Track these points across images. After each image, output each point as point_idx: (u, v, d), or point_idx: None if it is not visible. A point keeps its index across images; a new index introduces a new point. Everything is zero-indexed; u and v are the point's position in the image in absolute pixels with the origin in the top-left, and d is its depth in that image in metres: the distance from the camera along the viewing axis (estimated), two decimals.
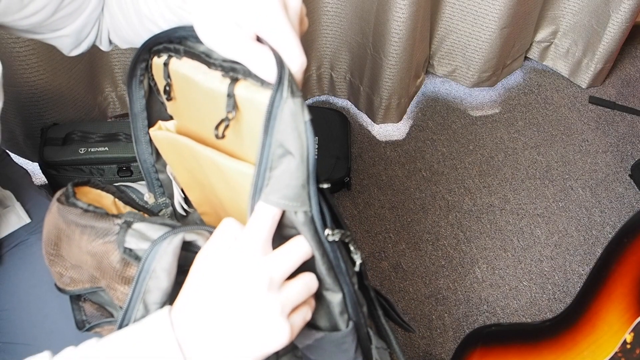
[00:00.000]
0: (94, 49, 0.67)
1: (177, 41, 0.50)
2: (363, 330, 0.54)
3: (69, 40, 0.63)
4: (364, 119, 1.59)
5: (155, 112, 0.58)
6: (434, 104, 1.64)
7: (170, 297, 0.47)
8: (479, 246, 1.38)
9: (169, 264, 0.46)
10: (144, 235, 0.48)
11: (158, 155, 0.60)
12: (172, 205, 0.64)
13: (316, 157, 0.44)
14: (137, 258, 0.48)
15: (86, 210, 0.51)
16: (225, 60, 0.46)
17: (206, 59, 0.48)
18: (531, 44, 1.70)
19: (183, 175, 0.60)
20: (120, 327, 0.47)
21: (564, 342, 0.92)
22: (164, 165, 0.61)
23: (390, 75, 1.42)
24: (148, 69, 0.55)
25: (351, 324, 0.52)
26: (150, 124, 0.58)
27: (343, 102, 1.63)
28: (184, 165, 0.58)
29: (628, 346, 0.85)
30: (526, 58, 1.73)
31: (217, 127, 0.47)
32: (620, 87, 1.70)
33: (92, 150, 1.24)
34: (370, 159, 1.52)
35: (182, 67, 0.50)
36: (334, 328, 0.52)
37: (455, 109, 1.63)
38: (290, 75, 0.42)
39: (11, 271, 0.72)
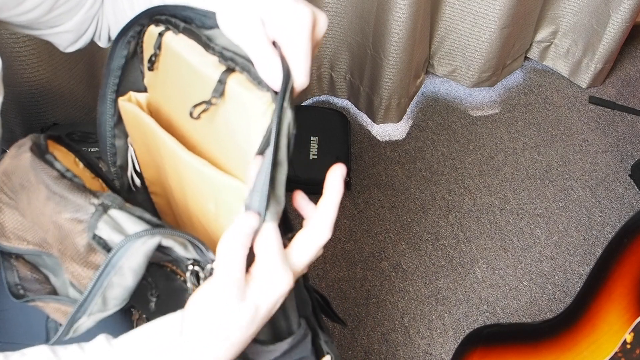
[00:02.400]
0: (94, 48, 0.67)
1: (182, 19, 0.49)
2: (311, 326, 0.55)
3: (67, 36, 0.63)
4: (364, 119, 1.59)
5: (130, 79, 0.56)
6: (434, 104, 1.64)
7: (132, 295, 0.46)
8: (479, 246, 1.38)
9: (138, 265, 0.44)
10: (119, 226, 0.45)
11: (120, 119, 0.58)
12: (121, 177, 0.61)
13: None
14: (106, 247, 0.45)
15: (62, 176, 0.48)
16: (226, 49, 0.46)
17: (206, 41, 0.47)
18: (531, 44, 1.70)
19: (142, 152, 0.58)
20: (73, 319, 0.46)
21: (564, 342, 0.92)
22: (123, 132, 0.59)
23: (390, 75, 1.42)
24: (140, 34, 0.53)
25: (303, 321, 0.52)
26: (122, 89, 0.56)
27: (343, 102, 1.63)
28: (145, 142, 0.56)
29: (628, 346, 0.85)
30: (526, 58, 1.73)
31: (195, 106, 0.46)
32: (620, 87, 1.70)
33: (92, 150, 1.24)
34: (370, 159, 1.52)
35: (177, 44, 0.49)
36: (280, 334, 0.51)
37: (455, 109, 1.63)
38: (292, 88, 0.43)
39: None
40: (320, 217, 0.45)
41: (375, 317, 1.27)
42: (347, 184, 1.43)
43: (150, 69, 0.53)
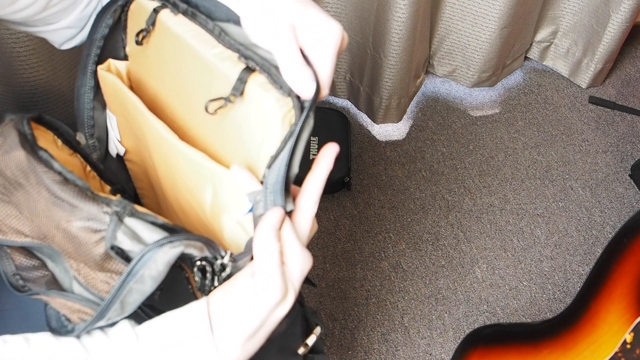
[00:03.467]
0: None
1: (184, 0, 0.48)
2: (299, 301, 0.58)
3: (66, 32, 0.63)
4: (364, 119, 1.59)
5: (109, 47, 0.55)
6: (434, 104, 1.64)
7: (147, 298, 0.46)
8: (479, 246, 1.38)
9: (159, 273, 0.44)
10: (136, 235, 0.45)
11: (99, 90, 0.57)
12: (99, 149, 0.61)
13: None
14: (123, 256, 0.45)
15: (66, 179, 0.46)
16: (244, 46, 0.45)
17: (220, 33, 0.46)
18: (531, 44, 1.70)
19: (121, 121, 0.57)
20: (92, 324, 0.46)
21: (564, 342, 0.92)
22: (102, 103, 0.58)
23: (390, 75, 1.42)
24: (128, 2, 0.52)
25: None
26: (102, 57, 0.55)
27: (343, 102, 1.62)
28: (124, 115, 0.55)
29: (628, 346, 0.85)
30: (526, 58, 1.73)
31: (211, 101, 0.46)
32: (620, 87, 1.70)
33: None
34: (370, 159, 1.52)
35: (177, 26, 0.48)
36: None
37: (455, 109, 1.63)
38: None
39: None
40: (307, 192, 0.46)
41: (375, 317, 1.27)
42: (347, 184, 1.43)
43: (139, 43, 0.52)
